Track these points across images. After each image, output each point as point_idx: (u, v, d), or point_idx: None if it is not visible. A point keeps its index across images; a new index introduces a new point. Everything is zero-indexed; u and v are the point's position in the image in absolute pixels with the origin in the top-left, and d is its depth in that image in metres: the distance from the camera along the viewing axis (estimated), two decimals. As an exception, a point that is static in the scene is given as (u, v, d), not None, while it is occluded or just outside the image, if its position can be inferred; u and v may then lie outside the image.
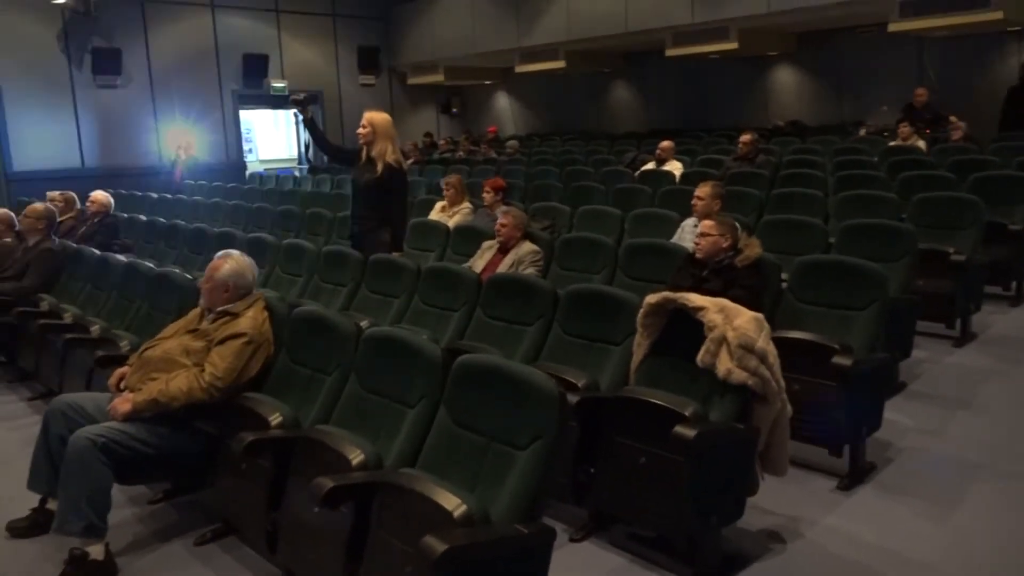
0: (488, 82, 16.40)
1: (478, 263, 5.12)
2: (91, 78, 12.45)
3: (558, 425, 2.21)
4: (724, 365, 2.84)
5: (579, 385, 3.12)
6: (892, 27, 9.27)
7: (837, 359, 3.33)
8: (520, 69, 13.76)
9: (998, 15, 8.42)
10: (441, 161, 11.96)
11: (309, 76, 14.97)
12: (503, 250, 5.04)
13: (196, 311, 3.37)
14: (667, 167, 8.50)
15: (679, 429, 2.65)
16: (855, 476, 3.43)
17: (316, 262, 5.08)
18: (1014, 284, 5.67)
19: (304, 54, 14.94)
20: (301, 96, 4.84)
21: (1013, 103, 9.06)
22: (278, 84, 14.57)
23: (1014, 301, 5.60)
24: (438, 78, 15.34)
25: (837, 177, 6.75)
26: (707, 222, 3.99)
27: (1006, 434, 3.79)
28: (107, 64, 12.48)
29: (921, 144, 8.42)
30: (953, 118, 8.91)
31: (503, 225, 5.02)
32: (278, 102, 14.98)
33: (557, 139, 14.10)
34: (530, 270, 4.86)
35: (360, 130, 4.76)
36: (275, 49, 14.49)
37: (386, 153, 4.67)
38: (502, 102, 17.06)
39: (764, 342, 2.86)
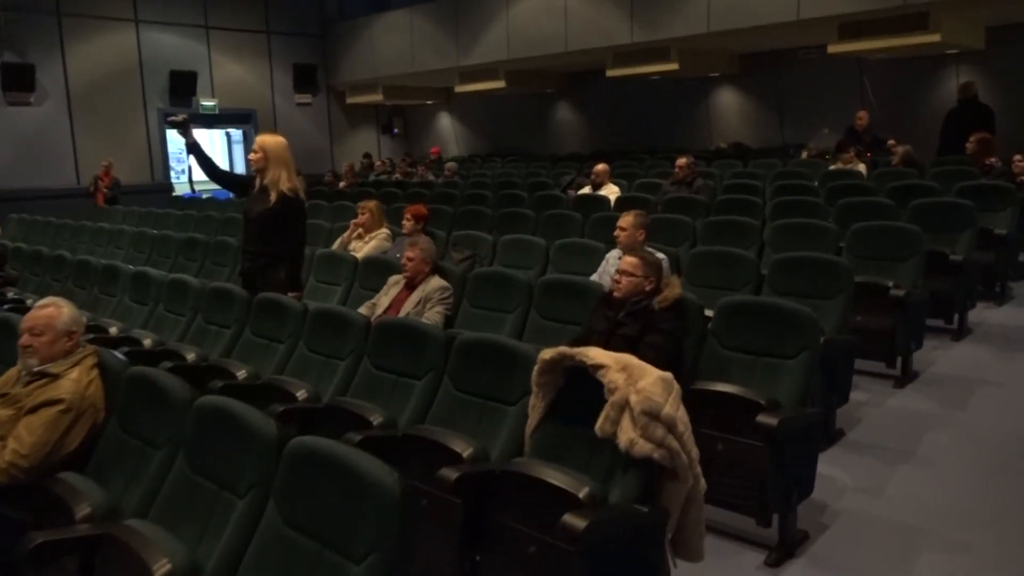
0: (430, 102, 15.99)
1: (383, 300, 4.66)
2: (0, 95, 11.71)
3: (398, 538, 1.75)
4: (626, 435, 2.42)
5: (463, 455, 2.67)
6: (831, 49, 9.11)
7: (763, 417, 2.93)
8: (460, 89, 13.40)
9: (935, 37, 8.29)
10: (375, 184, 11.47)
11: (241, 94, 14.42)
12: (410, 286, 4.58)
13: (12, 372, 2.83)
14: (603, 191, 8.14)
15: (568, 519, 2.21)
16: (785, 549, 3.03)
17: (200, 300, 4.55)
18: (956, 317, 5.38)
19: (236, 72, 14.36)
20: (180, 117, 4.33)
21: (952, 126, 8.90)
22: (208, 103, 13.99)
23: (956, 335, 5.31)
24: (377, 97, 14.89)
25: (775, 204, 6.45)
26: (629, 259, 3.58)
27: (952, 493, 3.44)
28: (18, 80, 11.76)
29: (862, 168, 8.22)
30: (892, 141, 8.75)
31: (409, 259, 4.56)
32: (209, 121, 14.38)
33: (499, 160, 13.75)
34: (437, 308, 4.41)
35: (252, 155, 4.25)
36: (204, 66, 13.89)
37: (280, 181, 4.17)
38: (445, 123, 16.67)
39: (673, 407, 2.44)
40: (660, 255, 4.63)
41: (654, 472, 2.44)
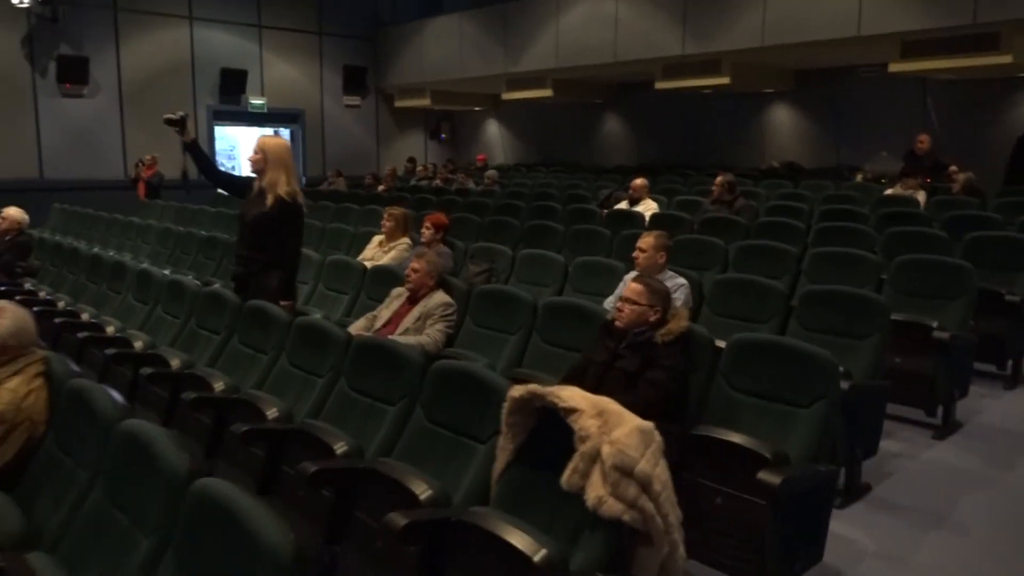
0: (478, 108, 15.83)
1: (383, 313, 4.43)
2: (56, 86, 11.93)
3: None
4: (595, 491, 2.12)
5: (421, 497, 2.40)
6: (893, 67, 8.62)
7: (765, 474, 2.59)
8: (507, 96, 13.19)
9: (1007, 58, 7.76)
10: (413, 189, 11.31)
11: (290, 94, 14.47)
12: (412, 300, 4.34)
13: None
14: (640, 207, 7.79)
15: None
16: (786, 624, 2.69)
17: (195, 304, 4.39)
18: (1010, 363, 4.90)
19: (286, 71, 14.41)
20: (177, 115, 4.15)
21: (1021, 154, 8.33)
22: (257, 101, 14.06)
23: (1010, 383, 4.84)
24: (425, 102, 14.79)
25: (818, 229, 6.03)
26: (634, 286, 3.26)
27: (987, 569, 3.03)
28: (73, 72, 11.98)
29: (921, 195, 7.70)
30: (953, 167, 8.21)
31: (413, 271, 4.32)
32: (258, 120, 14.47)
33: (543, 170, 13.49)
34: (437, 326, 4.16)
35: (251, 156, 4.07)
36: (255, 65, 13.97)
37: (278, 184, 3.97)
38: (492, 130, 16.49)
39: (649, 463, 2.14)
40: (680, 280, 4.34)
41: (626, 535, 2.14)
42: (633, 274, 4.47)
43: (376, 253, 6.22)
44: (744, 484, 2.70)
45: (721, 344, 3.28)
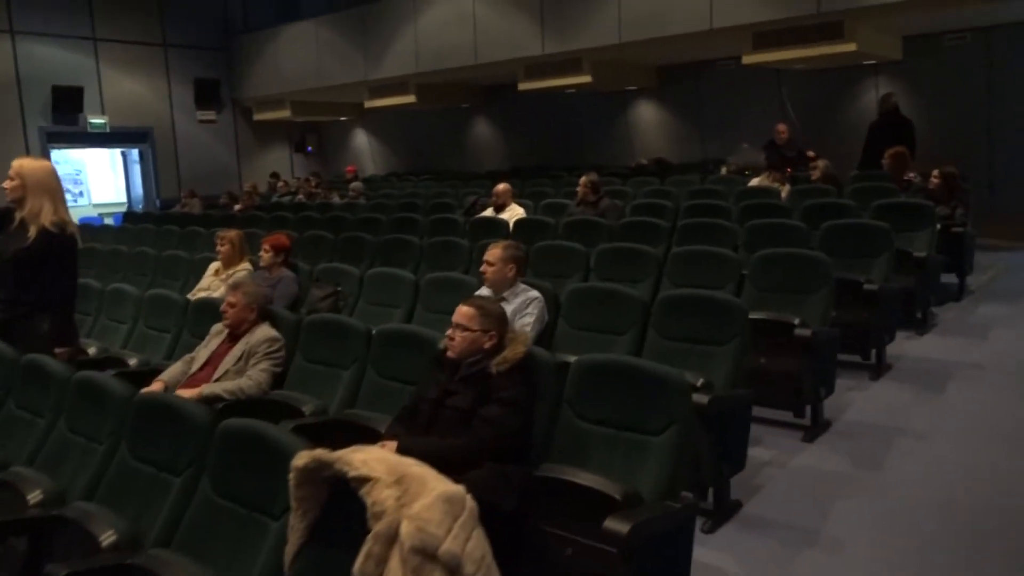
0: (344, 118, 15.18)
1: (201, 354, 3.89)
2: None
3: None
4: (393, 581, 1.71)
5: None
6: (746, 59, 8.64)
7: (612, 521, 2.26)
8: (370, 104, 12.66)
9: (851, 47, 7.88)
10: (273, 206, 10.62)
11: (136, 111, 13.44)
12: (233, 337, 3.83)
13: None
14: (506, 213, 7.47)
15: None
16: None
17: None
18: (874, 352, 4.83)
19: (129, 87, 13.37)
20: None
21: (873, 140, 8.50)
22: (97, 120, 12.96)
23: (874, 373, 4.76)
24: (285, 114, 14.04)
25: (681, 227, 5.86)
26: (464, 309, 2.87)
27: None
28: None
29: (785, 187, 7.71)
30: (811, 154, 8.30)
31: (230, 305, 3.81)
32: (100, 140, 13.36)
33: (414, 179, 13.03)
34: (262, 365, 3.67)
35: (6, 183, 3.44)
36: (92, 81, 12.88)
37: (42, 213, 3.38)
38: (361, 140, 15.89)
39: (458, 540, 1.75)
40: (533, 294, 4.01)
41: (437, 631, 1.74)
42: (486, 290, 4.13)
43: (214, 282, 5.62)
44: (596, 531, 2.36)
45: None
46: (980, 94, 8.87)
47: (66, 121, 12.59)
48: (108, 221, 12.12)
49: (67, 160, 14.36)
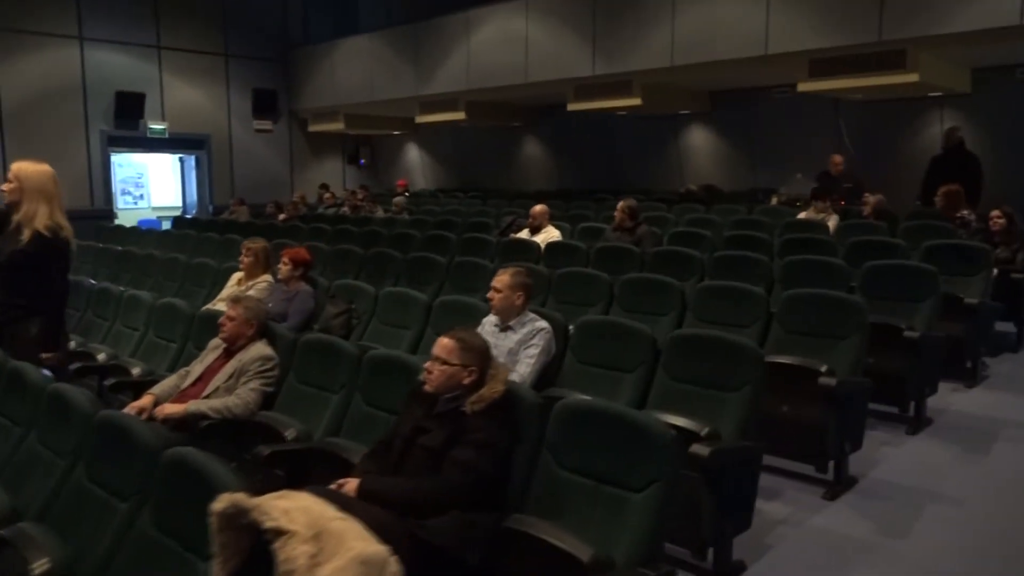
0: (397, 133, 15.25)
1: (196, 368, 3.81)
2: (-77, 110, 11.02)
3: None
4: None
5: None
6: (802, 87, 8.31)
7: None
8: (420, 119, 12.67)
9: (913, 77, 7.49)
10: (316, 218, 10.65)
11: (195, 119, 13.71)
12: (228, 353, 3.74)
13: None
14: (541, 235, 7.31)
15: None
16: None
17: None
18: (912, 404, 4.47)
19: (189, 95, 13.65)
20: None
21: (935, 175, 8.07)
22: (157, 126, 13.27)
23: (912, 427, 4.40)
24: (339, 126, 14.16)
25: (715, 259, 5.59)
26: (444, 341, 2.71)
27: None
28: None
29: (832, 219, 7.36)
30: (866, 193, 7.91)
31: (229, 318, 3.72)
32: (159, 145, 13.68)
33: (461, 196, 12.97)
34: (252, 384, 3.57)
35: (4, 186, 3.43)
36: (155, 88, 13.18)
37: (36, 217, 3.35)
38: (412, 155, 15.93)
39: (370, 610, 1.56)
40: (541, 324, 3.81)
41: None
42: (493, 318, 3.96)
43: (234, 293, 5.58)
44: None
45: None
46: (1053, 131, 8.36)
47: (127, 126, 12.91)
48: (166, 224, 12.37)
49: (129, 163, 14.76)
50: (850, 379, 3.71)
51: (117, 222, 12.36)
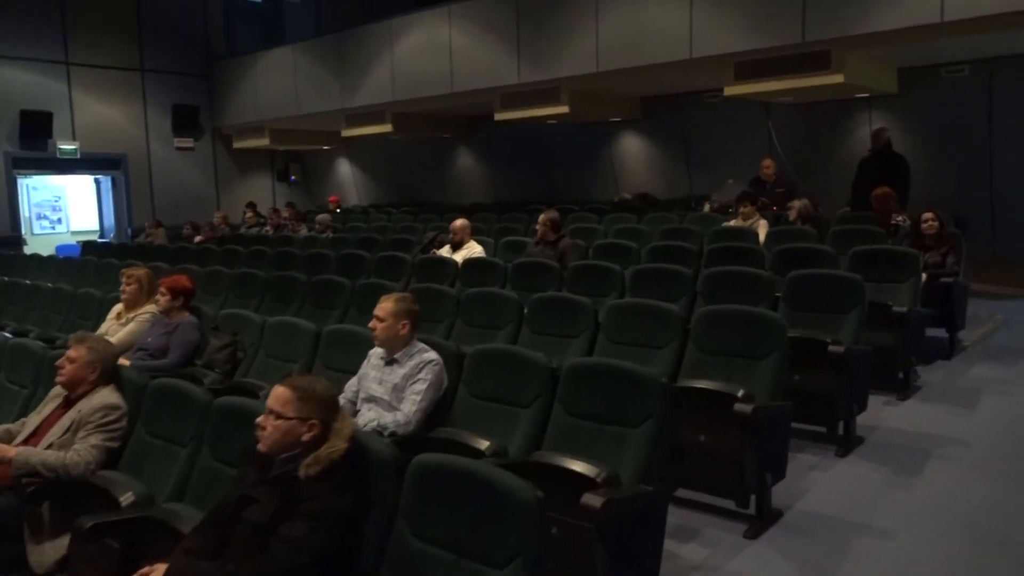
0: (327, 147, 14.75)
1: (33, 420, 3.34)
2: None
3: None
4: None
5: None
6: (728, 91, 8.09)
7: None
8: (347, 133, 12.22)
9: (839, 78, 7.32)
10: (235, 239, 10.10)
11: (109, 137, 13.07)
12: (68, 401, 3.26)
13: None
14: (462, 252, 6.91)
15: None
16: None
17: None
18: (841, 424, 4.18)
19: (103, 112, 13.00)
20: None
21: (864, 176, 7.90)
22: (67, 146, 12.59)
23: (842, 448, 4.10)
24: (264, 142, 13.63)
25: (633, 273, 5.27)
26: (280, 390, 2.29)
27: None
28: None
29: (763, 226, 7.12)
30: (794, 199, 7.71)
31: (69, 360, 3.25)
32: (71, 166, 12.98)
33: (392, 211, 12.53)
34: (92, 439, 3.11)
35: None
36: (63, 106, 12.52)
37: None
38: (344, 170, 15.45)
39: None
40: (430, 356, 3.43)
41: None
42: (378, 350, 3.55)
43: (113, 327, 5.07)
44: None
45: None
46: (981, 130, 8.26)
47: (34, 147, 12.22)
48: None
49: (45, 186, 14.03)
50: (769, 404, 3.39)
51: (30, 249, 11.61)
